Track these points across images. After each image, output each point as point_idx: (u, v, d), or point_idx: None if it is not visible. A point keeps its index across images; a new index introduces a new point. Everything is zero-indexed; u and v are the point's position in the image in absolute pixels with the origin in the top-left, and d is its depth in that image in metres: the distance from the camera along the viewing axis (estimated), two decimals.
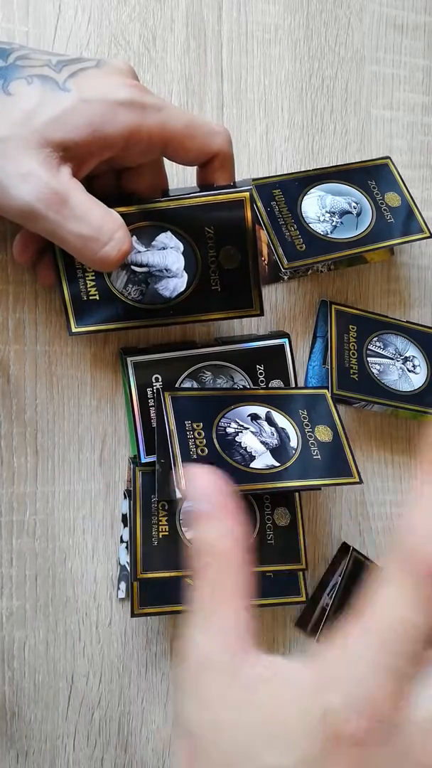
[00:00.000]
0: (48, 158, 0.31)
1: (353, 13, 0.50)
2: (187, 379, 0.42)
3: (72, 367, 0.42)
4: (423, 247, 0.51)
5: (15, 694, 0.40)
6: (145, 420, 0.41)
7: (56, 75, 0.32)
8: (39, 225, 0.32)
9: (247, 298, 0.39)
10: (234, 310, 0.39)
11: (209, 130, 0.35)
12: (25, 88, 0.32)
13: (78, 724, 0.42)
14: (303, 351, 0.47)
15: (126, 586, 0.42)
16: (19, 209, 0.32)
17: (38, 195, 0.31)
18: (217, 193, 0.37)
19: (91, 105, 0.32)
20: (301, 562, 0.42)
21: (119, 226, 0.33)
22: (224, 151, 0.36)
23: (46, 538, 0.41)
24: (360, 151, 0.49)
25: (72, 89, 0.32)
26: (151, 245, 0.38)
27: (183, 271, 0.38)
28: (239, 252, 0.39)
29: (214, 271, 0.39)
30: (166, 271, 0.38)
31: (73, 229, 0.32)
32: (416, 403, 0.46)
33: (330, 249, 0.44)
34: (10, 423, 0.40)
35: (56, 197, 0.31)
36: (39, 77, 0.32)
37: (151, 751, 0.43)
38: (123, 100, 0.32)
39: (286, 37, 0.48)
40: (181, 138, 0.34)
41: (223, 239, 0.38)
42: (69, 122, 0.32)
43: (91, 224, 0.32)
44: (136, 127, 0.33)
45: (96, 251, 0.33)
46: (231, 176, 0.38)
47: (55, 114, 0.31)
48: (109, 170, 0.37)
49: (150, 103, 0.33)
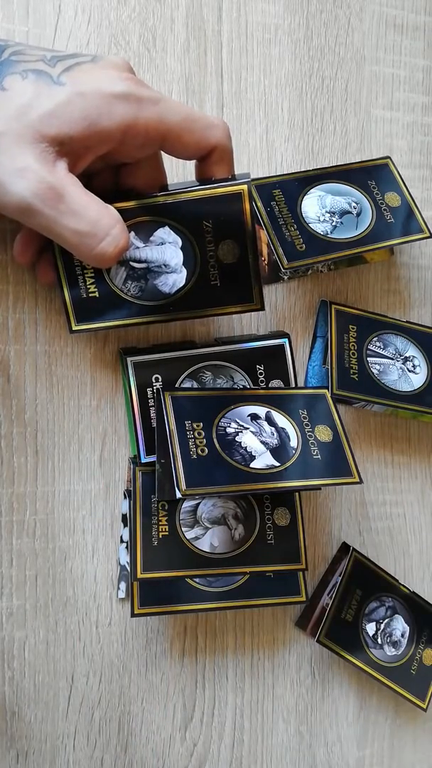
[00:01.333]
0: (44, 153, 0.31)
1: (353, 13, 0.50)
2: (187, 379, 0.42)
3: (72, 367, 0.42)
4: (423, 247, 0.51)
5: (15, 694, 0.40)
6: (145, 420, 0.41)
7: (51, 69, 0.32)
8: (35, 221, 0.32)
9: (247, 293, 0.39)
10: (234, 305, 0.39)
11: (207, 124, 0.35)
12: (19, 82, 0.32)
13: (78, 724, 0.42)
14: (303, 351, 0.47)
15: (126, 586, 0.42)
16: (16, 205, 0.32)
17: (34, 190, 0.31)
18: (214, 187, 0.37)
19: (87, 98, 0.32)
20: (301, 562, 0.42)
21: (116, 222, 0.33)
22: (222, 144, 0.36)
23: (46, 538, 0.41)
24: (360, 151, 0.49)
25: (67, 83, 0.32)
26: (149, 241, 0.38)
27: (182, 266, 0.38)
28: (238, 246, 0.38)
29: (213, 265, 0.38)
30: (165, 267, 0.38)
31: (70, 225, 0.32)
32: (416, 403, 0.46)
33: (330, 249, 0.44)
34: (10, 423, 0.40)
35: (52, 192, 0.31)
36: (33, 72, 0.32)
37: (151, 751, 0.43)
38: (119, 93, 0.32)
39: (286, 37, 0.48)
40: (178, 131, 0.34)
41: (222, 233, 0.38)
42: (64, 116, 0.31)
43: (87, 220, 0.32)
44: (132, 120, 0.32)
45: (93, 247, 0.33)
46: (230, 169, 0.37)
47: (50, 108, 0.31)
48: (106, 167, 0.37)
49: (147, 96, 0.33)
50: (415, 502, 0.50)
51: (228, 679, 0.45)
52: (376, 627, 0.46)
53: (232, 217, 0.38)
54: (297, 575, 0.43)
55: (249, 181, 0.37)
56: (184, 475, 0.37)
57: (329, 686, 0.48)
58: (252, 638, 0.46)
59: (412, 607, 0.48)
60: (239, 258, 0.38)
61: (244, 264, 0.38)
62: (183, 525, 0.41)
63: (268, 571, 0.41)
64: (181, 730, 0.44)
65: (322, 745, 0.48)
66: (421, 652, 0.48)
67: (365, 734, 0.49)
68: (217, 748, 0.45)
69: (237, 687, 0.45)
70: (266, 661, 0.46)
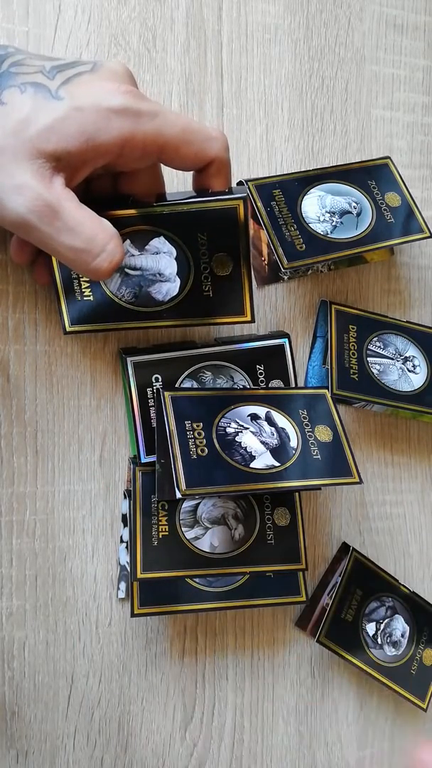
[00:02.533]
0: (41, 169, 0.31)
1: (353, 13, 0.50)
2: (187, 379, 0.42)
3: (72, 367, 0.42)
4: (423, 247, 0.51)
5: (15, 694, 0.40)
6: (145, 420, 0.41)
7: (49, 82, 0.32)
8: (32, 236, 0.32)
9: (239, 305, 0.39)
10: (225, 317, 0.40)
11: (206, 136, 0.35)
12: (17, 96, 0.32)
13: (78, 724, 0.42)
14: (303, 351, 0.47)
15: (126, 586, 0.42)
16: (12, 221, 0.32)
17: (31, 207, 0.31)
18: (210, 200, 0.37)
19: (84, 113, 0.32)
20: (301, 562, 0.42)
21: (111, 237, 0.33)
22: (220, 157, 0.36)
23: (46, 538, 0.41)
24: (360, 151, 0.49)
25: (65, 97, 0.32)
26: (144, 249, 0.38)
27: (176, 275, 0.39)
28: (232, 259, 0.39)
29: (206, 276, 0.39)
30: (159, 276, 0.38)
31: (65, 242, 0.32)
32: (416, 403, 0.46)
33: (330, 249, 0.44)
34: (10, 423, 0.40)
35: (48, 209, 0.31)
36: (32, 85, 0.32)
37: (151, 751, 0.43)
38: (117, 108, 0.32)
39: (286, 37, 0.48)
40: (176, 144, 0.34)
41: (216, 246, 0.38)
42: (61, 132, 0.31)
43: (82, 236, 0.32)
44: (130, 134, 0.33)
45: (88, 263, 0.33)
46: (227, 182, 0.37)
47: (48, 123, 0.31)
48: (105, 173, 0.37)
49: (145, 110, 0.33)
50: (415, 502, 0.50)
51: (228, 679, 0.45)
52: (376, 627, 0.46)
53: (227, 231, 0.38)
54: (297, 575, 0.43)
55: (245, 196, 0.37)
56: (183, 475, 0.37)
57: (329, 686, 0.48)
58: (252, 638, 0.46)
59: (412, 607, 0.48)
60: (232, 270, 0.39)
61: (237, 276, 0.39)
62: (183, 525, 0.41)
63: (268, 571, 0.41)
64: (181, 730, 0.44)
65: (322, 745, 0.48)
66: (421, 652, 0.48)
67: (365, 734, 0.49)
68: (217, 748, 0.45)
69: (237, 687, 0.45)
70: (266, 661, 0.46)
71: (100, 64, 0.34)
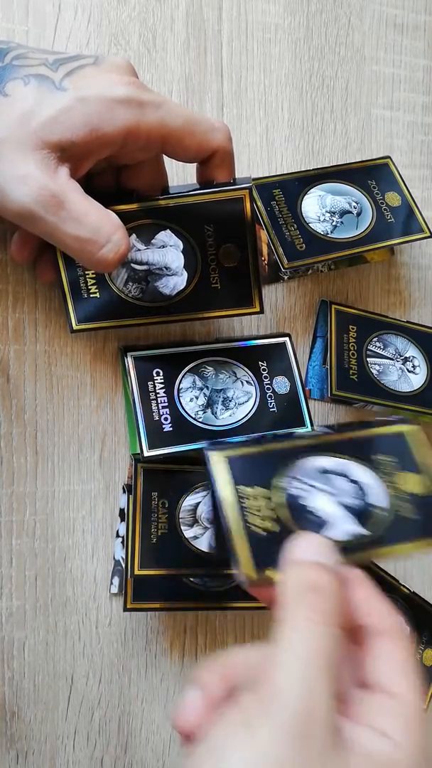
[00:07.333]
0: (45, 159, 0.31)
1: (353, 13, 0.50)
2: (188, 374, 0.41)
3: (72, 367, 0.42)
4: (423, 247, 0.51)
5: (15, 694, 0.40)
6: (147, 413, 0.40)
7: (53, 74, 0.32)
8: (37, 227, 0.32)
9: (247, 296, 0.39)
10: (234, 308, 0.39)
11: (209, 127, 0.35)
12: (21, 88, 0.32)
13: (78, 724, 0.42)
14: (303, 351, 0.47)
15: (120, 581, 0.42)
16: (17, 212, 0.32)
17: (36, 197, 0.31)
18: (216, 191, 0.37)
19: (88, 104, 0.32)
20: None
21: (116, 228, 0.33)
22: (224, 147, 0.36)
23: (45, 538, 0.41)
24: (360, 150, 0.49)
25: (68, 88, 0.32)
26: (150, 243, 0.38)
27: (183, 269, 0.38)
28: (239, 250, 0.38)
29: (214, 269, 0.39)
30: (166, 270, 0.38)
31: (71, 232, 0.32)
32: (416, 404, 0.46)
33: (330, 249, 0.44)
34: (10, 423, 0.40)
35: (54, 199, 0.31)
36: (35, 77, 0.32)
37: (151, 751, 0.43)
38: (121, 98, 0.32)
39: (286, 36, 0.48)
40: (180, 135, 0.34)
41: (223, 237, 0.38)
42: (66, 122, 0.31)
43: (88, 226, 0.32)
44: (134, 125, 0.33)
45: (93, 253, 0.33)
46: (231, 173, 0.37)
47: (52, 114, 0.31)
48: (108, 167, 0.37)
49: (148, 100, 0.33)
50: None
51: None
52: None
53: (233, 222, 0.38)
54: None
55: (250, 186, 0.37)
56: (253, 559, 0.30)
57: None
58: (252, 638, 0.46)
59: (412, 607, 0.48)
60: (240, 261, 0.38)
61: (244, 267, 0.39)
62: (182, 523, 0.41)
63: None
64: None
65: None
66: (421, 652, 0.47)
67: None
68: None
69: None
70: None
71: (102, 58, 0.34)
